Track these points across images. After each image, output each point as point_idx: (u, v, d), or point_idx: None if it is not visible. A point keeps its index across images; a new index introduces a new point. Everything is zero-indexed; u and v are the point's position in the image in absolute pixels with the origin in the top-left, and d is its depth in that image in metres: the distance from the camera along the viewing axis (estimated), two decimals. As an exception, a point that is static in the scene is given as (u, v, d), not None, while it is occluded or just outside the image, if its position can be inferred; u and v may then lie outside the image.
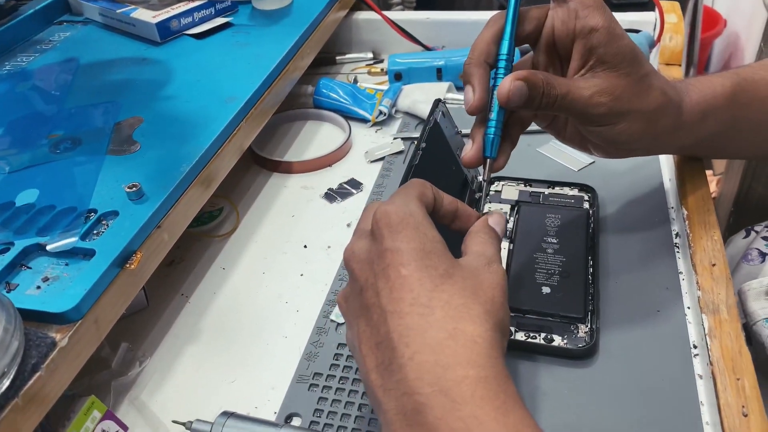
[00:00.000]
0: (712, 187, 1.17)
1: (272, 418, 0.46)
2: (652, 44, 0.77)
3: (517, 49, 0.47)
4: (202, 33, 0.75)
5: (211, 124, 0.58)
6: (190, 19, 0.76)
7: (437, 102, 0.57)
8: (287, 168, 0.71)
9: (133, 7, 0.77)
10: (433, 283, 0.34)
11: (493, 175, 0.48)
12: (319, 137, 0.77)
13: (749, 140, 0.56)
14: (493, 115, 0.44)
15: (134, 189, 0.49)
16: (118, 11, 0.77)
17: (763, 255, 0.61)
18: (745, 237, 0.70)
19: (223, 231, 0.63)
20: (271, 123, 0.78)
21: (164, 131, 0.58)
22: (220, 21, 0.77)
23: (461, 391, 0.31)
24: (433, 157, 0.54)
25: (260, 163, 0.72)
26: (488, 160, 0.46)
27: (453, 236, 0.41)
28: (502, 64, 0.44)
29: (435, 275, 0.34)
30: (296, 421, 0.45)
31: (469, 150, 0.46)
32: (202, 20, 0.77)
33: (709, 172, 1.21)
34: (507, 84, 0.42)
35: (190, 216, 0.53)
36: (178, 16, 0.75)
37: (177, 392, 0.49)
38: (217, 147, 0.57)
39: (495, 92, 0.44)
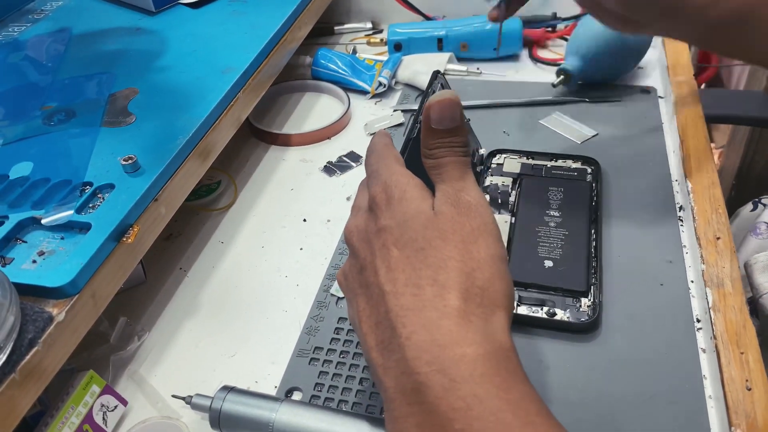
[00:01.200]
0: (715, 159, 1.16)
1: (273, 392, 0.45)
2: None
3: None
4: (198, 2, 0.74)
5: (207, 96, 0.57)
6: (185, -12, 0.74)
7: (435, 73, 0.56)
8: (285, 140, 0.70)
9: (126, -25, 0.75)
10: (418, 258, 0.33)
11: (494, 148, 0.47)
12: (317, 109, 0.75)
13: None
14: None
15: (130, 162, 0.48)
16: (111, -21, 0.75)
17: None
18: (752, 210, 0.70)
19: (221, 204, 0.62)
20: (269, 94, 0.76)
21: (160, 103, 0.57)
22: (216, -11, 0.75)
23: (459, 369, 0.31)
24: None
25: (258, 135, 0.71)
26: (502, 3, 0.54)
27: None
28: None
29: (417, 249, 0.33)
30: (297, 396, 0.45)
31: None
32: (198, -11, 0.75)
33: (712, 144, 1.20)
34: None
35: (187, 189, 0.53)
36: (172, -15, 0.73)
37: (176, 367, 0.48)
38: (214, 119, 0.56)
39: None
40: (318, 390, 0.45)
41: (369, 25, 0.90)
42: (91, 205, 0.47)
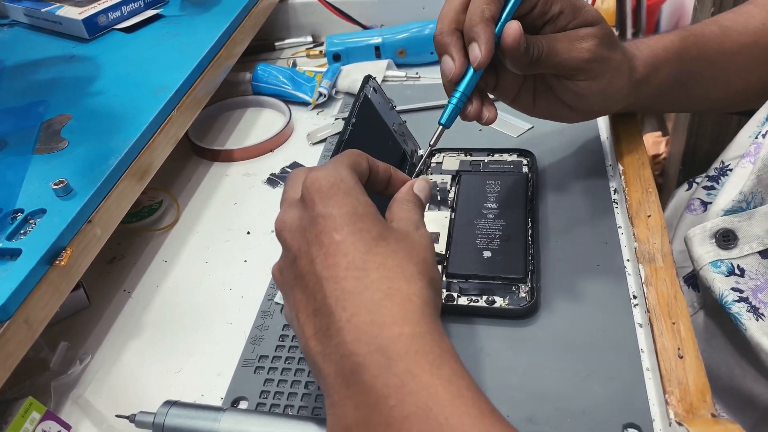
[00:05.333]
0: (662, 147, 1.18)
1: (219, 403, 0.45)
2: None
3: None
4: (132, 26, 0.74)
5: (140, 116, 0.57)
6: (118, 14, 0.74)
7: (367, 78, 0.57)
8: (228, 156, 0.70)
9: (58, 5, 0.75)
10: (367, 246, 0.34)
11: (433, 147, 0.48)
12: (259, 123, 0.76)
13: (698, 94, 0.59)
14: (462, 85, 0.45)
15: (61, 185, 0.48)
16: (42, 10, 0.75)
17: (704, 204, 0.62)
18: (687, 189, 0.71)
19: (163, 224, 0.62)
20: (211, 113, 0.77)
21: (93, 127, 0.57)
22: (150, 13, 0.76)
23: (396, 348, 0.31)
24: (365, 132, 0.54)
25: (200, 153, 0.71)
26: (440, 127, 0.47)
27: (386, 204, 0.41)
28: (506, 18, 0.44)
29: (368, 238, 0.34)
30: (243, 405, 0.45)
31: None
32: (132, 13, 0.76)
33: (657, 134, 1.23)
34: (516, 25, 0.43)
35: (123, 209, 0.52)
36: (105, 11, 0.73)
37: (122, 388, 0.48)
38: (147, 137, 0.56)
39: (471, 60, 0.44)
40: (264, 397, 0.45)
41: (309, 39, 0.91)
42: (22, 231, 0.46)
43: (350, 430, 0.31)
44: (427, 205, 0.58)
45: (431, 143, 0.47)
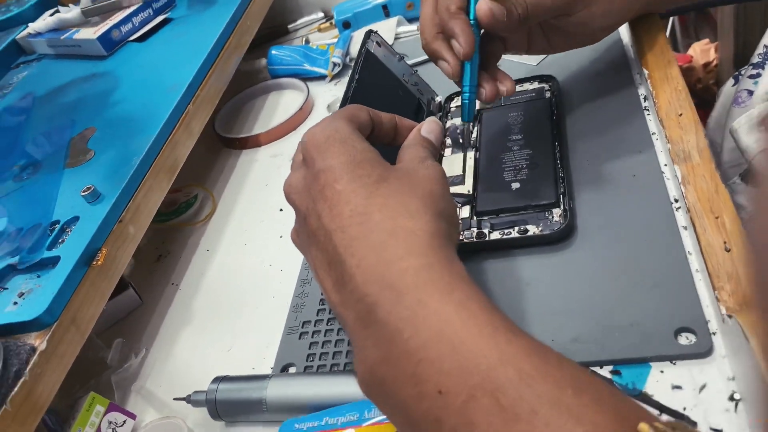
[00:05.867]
0: (711, 54, 1.11)
1: (269, 372, 0.46)
2: None
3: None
4: (144, 35, 0.76)
5: (156, 116, 0.58)
6: (130, 26, 0.76)
7: (368, 33, 0.56)
8: (254, 142, 0.71)
9: (75, 29, 0.78)
10: (368, 190, 0.34)
11: (451, 92, 0.48)
12: (281, 105, 0.76)
13: None
14: (466, 80, 0.45)
15: (89, 191, 0.50)
16: (62, 38, 0.78)
17: (750, 93, 0.58)
18: (734, 84, 0.67)
19: (201, 217, 0.64)
20: (235, 104, 0.78)
21: (116, 134, 0.59)
22: (159, 19, 0.77)
23: (405, 281, 0.31)
24: (373, 87, 0.53)
25: (228, 144, 0.72)
26: (467, 124, 0.47)
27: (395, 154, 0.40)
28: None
29: (369, 183, 0.34)
30: (292, 370, 0.46)
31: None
32: (143, 23, 0.77)
33: (705, 41, 1.16)
34: (484, 4, 0.43)
35: (154, 205, 0.54)
36: (117, 26, 0.75)
37: (178, 374, 0.49)
38: (166, 135, 0.57)
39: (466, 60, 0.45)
40: (311, 361, 0.45)
41: (321, 15, 0.90)
42: (60, 240, 0.48)
43: (374, 370, 0.31)
44: (450, 148, 0.57)
45: (462, 141, 0.46)
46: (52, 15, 0.81)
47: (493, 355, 0.27)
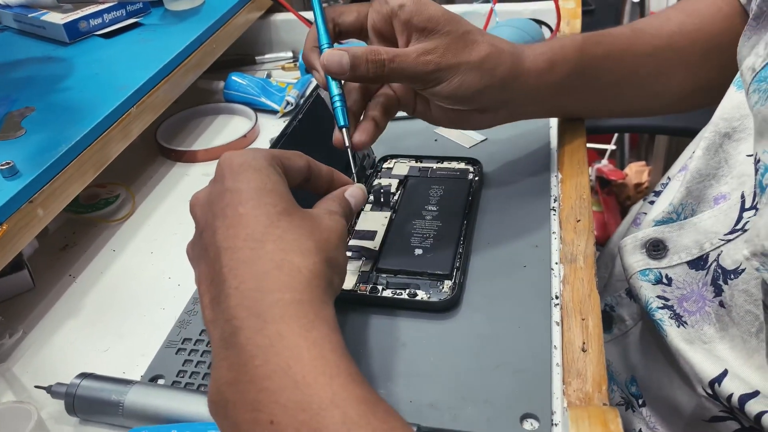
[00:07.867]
0: (644, 176, 1.19)
1: (138, 379, 0.46)
2: (551, 30, 0.80)
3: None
4: (111, 33, 0.77)
5: (97, 110, 0.59)
6: (99, 21, 0.78)
7: (317, 86, 0.59)
8: (191, 157, 0.72)
9: (45, 11, 0.79)
10: (269, 219, 0.35)
11: (386, 153, 0.50)
12: (228, 128, 0.78)
13: (612, 94, 0.59)
14: (331, 90, 0.48)
15: (6, 166, 0.50)
16: (29, 15, 0.79)
17: (645, 215, 0.63)
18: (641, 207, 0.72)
19: (118, 216, 0.64)
20: (182, 118, 0.79)
21: (53, 119, 0.60)
22: (130, 21, 0.79)
23: (272, 312, 0.32)
24: (312, 131, 0.56)
25: (166, 154, 0.74)
26: (344, 129, 0.49)
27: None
28: (322, 49, 0.48)
29: (273, 212, 0.36)
30: (160, 382, 0.46)
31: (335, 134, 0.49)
32: (113, 21, 0.79)
33: (641, 163, 1.24)
34: (325, 54, 0.46)
35: (70, 195, 0.55)
36: (86, 18, 0.77)
37: (50, 364, 0.49)
38: (101, 131, 0.58)
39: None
40: (180, 376, 0.46)
41: (290, 54, 0.94)
42: (-37, 207, 0.48)
43: (221, 390, 0.32)
44: (371, 205, 0.60)
45: (347, 145, 0.49)
46: (26, -8, 0.82)
47: (326, 397, 0.29)
